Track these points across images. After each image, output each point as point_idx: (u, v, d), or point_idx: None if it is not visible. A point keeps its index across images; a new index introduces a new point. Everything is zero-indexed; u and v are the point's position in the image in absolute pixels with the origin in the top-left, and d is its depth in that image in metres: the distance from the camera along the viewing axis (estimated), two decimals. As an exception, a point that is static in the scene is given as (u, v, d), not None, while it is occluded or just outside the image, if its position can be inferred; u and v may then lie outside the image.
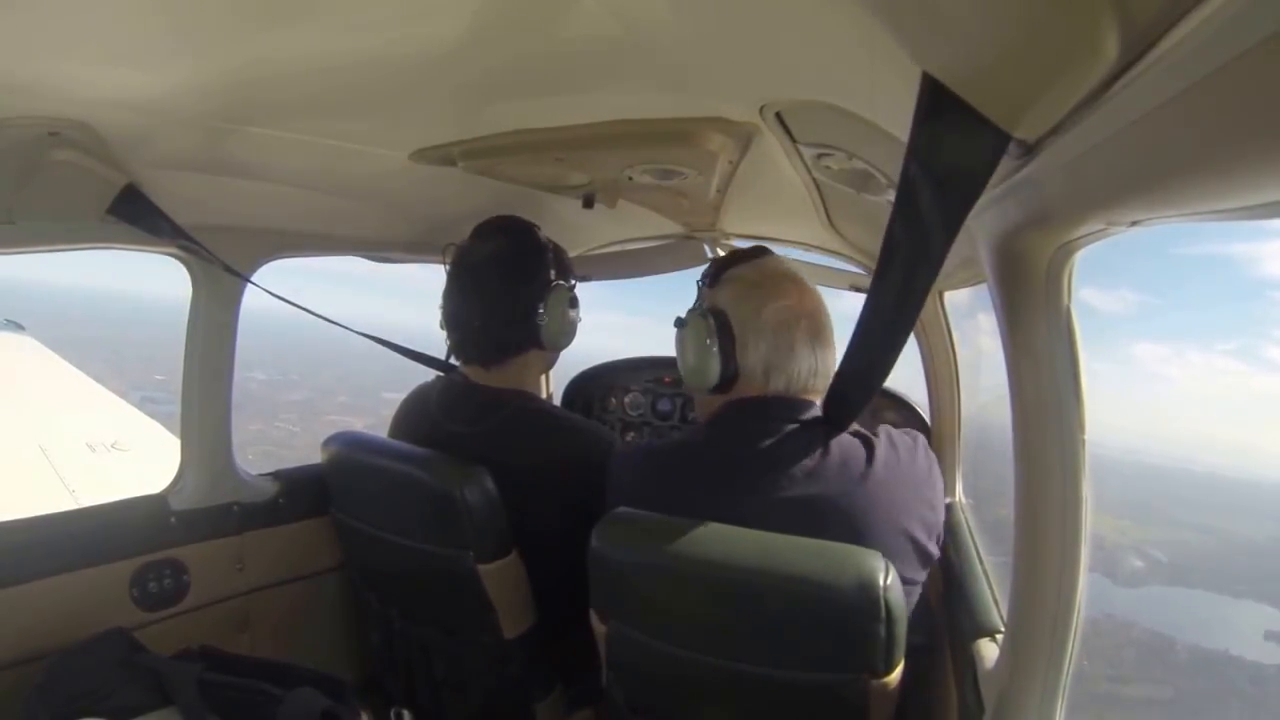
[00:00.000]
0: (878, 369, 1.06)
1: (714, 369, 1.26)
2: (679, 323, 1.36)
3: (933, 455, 1.29)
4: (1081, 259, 0.79)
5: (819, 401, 1.25)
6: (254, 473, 1.74)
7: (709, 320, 1.26)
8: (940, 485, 1.28)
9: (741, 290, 1.29)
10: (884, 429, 1.27)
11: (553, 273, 1.57)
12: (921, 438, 1.31)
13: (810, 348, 1.26)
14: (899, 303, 0.90)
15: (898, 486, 1.18)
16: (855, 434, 1.23)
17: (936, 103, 0.58)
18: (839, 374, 1.18)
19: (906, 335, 0.98)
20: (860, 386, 1.14)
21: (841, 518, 1.12)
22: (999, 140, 0.58)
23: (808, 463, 1.16)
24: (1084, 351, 0.81)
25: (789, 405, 1.24)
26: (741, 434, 1.23)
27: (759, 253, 1.39)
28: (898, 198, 0.74)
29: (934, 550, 1.22)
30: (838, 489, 1.15)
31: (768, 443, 1.20)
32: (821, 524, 1.10)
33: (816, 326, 1.27)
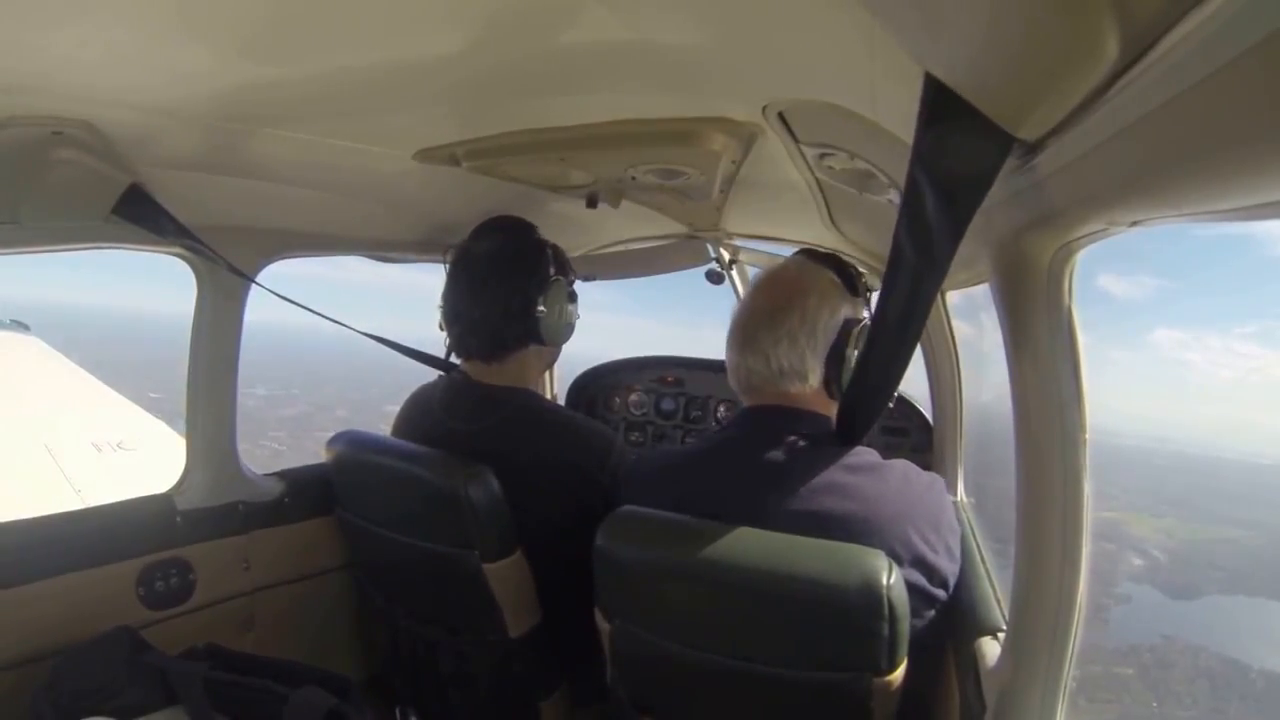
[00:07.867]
0: (889, 380, 1.05)
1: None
2: None
3: (947, 500, 1.23)
4: (1097, 247, 0.79)
5: (829, 414, 1.24)
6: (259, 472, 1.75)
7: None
8: (954, 531, 1.21)
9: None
10: (902, 462, 1.22)
11: (551, 269, 1.58)
12: (939, 480, 1.25)
13: (750, 346, 1.25)
14: (906, 311, 0.89)
15: (902, 514, 1.13)
16: (869, 455, 1.20)
17: (939, 104, 0.58)
18: (850, 386, 1.16)
19: (915, 343, 0.97)
20: (872, 397, 1.11)
21: (840, 536, 1.09)
22: (1003, 144, 0.58)
23: (813, 479, 1.15)
24: (1101, 342, 0.81)
25: (796, 417, 1.24)
26: (749, 442, 1.23)
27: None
28: (903, 205, 0.73)
29: (934, 591, 1.16)
30: (842, 507, 1.12)
31: (773, 454, 1.19)
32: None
33: (761, 321, 1.25)
